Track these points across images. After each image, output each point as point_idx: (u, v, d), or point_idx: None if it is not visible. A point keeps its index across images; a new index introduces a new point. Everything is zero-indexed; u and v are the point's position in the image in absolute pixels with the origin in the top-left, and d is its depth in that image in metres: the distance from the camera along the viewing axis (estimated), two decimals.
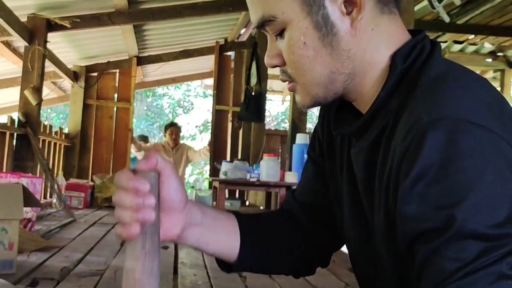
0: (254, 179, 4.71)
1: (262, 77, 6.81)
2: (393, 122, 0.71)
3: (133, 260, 0.64)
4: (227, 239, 0.89)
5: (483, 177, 0.58)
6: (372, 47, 0.74)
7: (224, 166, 4.86)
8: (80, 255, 2.77)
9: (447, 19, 5.15)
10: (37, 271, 2.35)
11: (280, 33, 0.76)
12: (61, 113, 17.63)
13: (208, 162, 7.61)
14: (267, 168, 4.61)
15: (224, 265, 0.93)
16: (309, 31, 0.73)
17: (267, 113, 7.69)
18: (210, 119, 7.49)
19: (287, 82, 0.81)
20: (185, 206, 0.77)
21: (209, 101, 9.91)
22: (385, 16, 0.74)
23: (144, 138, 8.18)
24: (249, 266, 0.95)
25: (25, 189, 2.34)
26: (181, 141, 7.70)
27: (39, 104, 5.00)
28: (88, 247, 3.07)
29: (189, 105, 19.55)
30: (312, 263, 1.00)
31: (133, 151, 7.35)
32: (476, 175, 0.58)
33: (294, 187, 3.74)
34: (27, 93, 4.86)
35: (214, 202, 4.63)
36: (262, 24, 0.76)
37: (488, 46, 8.11)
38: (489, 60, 8.16)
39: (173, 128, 7.30)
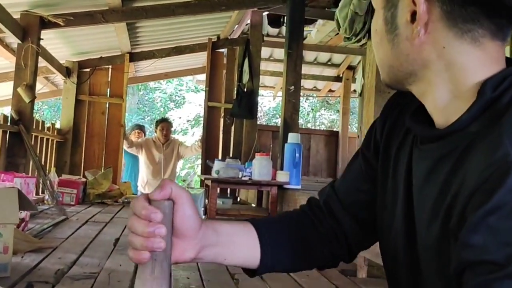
0: (246, 178, 4.74)
1: (254, 74, 6.84)
2: (467, 146, 0.72)
3: (141, 284, 0.68)
4: (245, 252, 0.91)
5: None
6: (442, 63, 0.76)
7: (217, 165, 4.89)
8: (74, 257, 2.80)
9: None
10: (31, 274, 2.38)
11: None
12: (53, 106, 17.54)
13: (200, 157, 7.63)
14: (259, 167, 4.64)
15: (246, 269, 0.95)
16: (380, 22, 0.82)
17: (258, 109, 7.71)
18: (201, 114, 7.52)
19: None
20: (199, 231, 0.79)
21: (201, 96, 9.95)
22: (465, 42, 0.75)
23: (140, 127, 8.13)
24: (272, 270, 0.96)
25: (20, 193, 2.36)
26: (172, 136, 7.71)
27: (32, 102, 5.00)
28: (81, 247, 3.09)
29: (181, 100, 19.52)
30: (337, 259, 1.01)
31: (125, 147, 7.35)
32: None
33: (286, 186, 3.73)
34: (20, 90, 4.86)
35: (206, 200, 4.66)
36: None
37: None
38: None
39: (164, 124, 7.32)
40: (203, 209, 4.59)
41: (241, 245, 0.91)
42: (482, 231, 0.61)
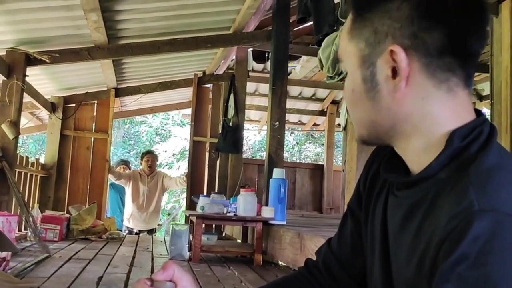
0: (231, 214, 4.73)
1: (240, 109, 6.90)
2: (436, 193, 0.76)
3: None
4: None
5: None
6: (420, 114, 0.80)
7: (201, 201, 4.88)
8: None
9: None
10: None
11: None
12: (38, 140, 17.43)
13: (185, 190, 7.61)
14: (244, 203, 4.64)
15: None
16: (358, 82, 0.84)
17: (244, 143, 7.75)
18: (187, 148, 7.53)
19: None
20: None
21: (187, 130, 9.97)
22: (441, 92, 0.79)
23: (125, 162, 8.15)
24: None
25: (1, 234, 2.34)
26: (158, 169, 7.71)
27: (16, 138, 4.98)
28: (63, 286, 3.05)
29: (167, 133, 19.51)
30: None
31: (113, 179, 7.34)
32: None
33: (271, 221, 3.72)
34: (4, 127, 4.84)
35: (191, 236, 4.63)
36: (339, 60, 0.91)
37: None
38: None
39: (149, 156, 7.40)
40: (187, 245, 4.55)
41: None
42: (453, 280, 0.64)
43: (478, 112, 0.83)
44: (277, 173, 4.82)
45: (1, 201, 4.71)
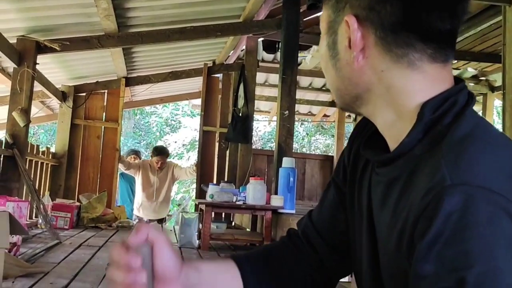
0: (240, 202, 4.74)
1: (249, 99, 6.89)
2: (412, 169, 0.74)
3: None
4: None
5: (496, 246, 0.61)
6: (382, 86, 0.78)
7: (211, 189, 4.88)
8: (65, 282, 2.78)
9: None
10: None
11: None
12: (48, 130, 17.54)
13: (195, 181, 7.62)
14: (254, 192, 4.64)
15: None
16: (324, 47, 0.85)
17: (253, 133, 7.74)
18: (197, 138, 7.53)
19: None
20: (180, 272, 0.78)
21: (197, 120, 9.97)
22: (402, 66, 0.76)
23: (136, 152, 8.12)
24: None
25: (11, 217, 2.36)
26: (168, 160, 7.70)
27: (26, 126, 5.01)
28: (73, 272, 3.07)
29: (177, 124, 19.56)
30: (320, 287, 1.01)
31: (122, 169, 7.37)
32: (490, 243, 0.61)
33: (280, 210, 3.73)
34: (15, 114, 4.87)
35: (200, 224, 4.64)
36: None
37: (471, 70, 8.28)
38: (472, 84, 8.32)
39: (160, 158, 7.31)
40: (197, 233, 4.57)
41: (224, 284, 0.91)
42: (431, 260, 0.63)
43: (458, 83, 0.80)
44: (287, 162, 4.81)
45: (12, 188, 4.74)
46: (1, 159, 4.82)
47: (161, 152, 7.50)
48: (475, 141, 0.70)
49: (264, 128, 18.23)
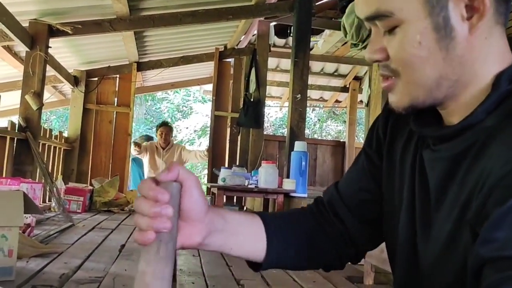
0: (252, 186, 4.74)
1: (261, 83, 6.86)
2: (484, 141, 0.70)
3: (146, 264, 0.67)
4: (251, 243, 0.89)
5: None
6: (482, 57, 0.73)
7: (223, 173, 4.88)
8: (79, 262, 2.79)
9: None
10: (36, 278, 2.37)
11: (391, 30, 0.75)
12: (61, 116, 17.64)
13: (206, 167, 7.63)
14: (265, 175, 4.64)
15: (251, 263, 0.93)
16: (427, 31, 0.72)
17: (265, 119, 7.71)
18: (208, 124, 7.53)
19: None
20: (206, 215, 0.78)
21: (208, 106, 9.97)
22: (498, 27, 0.73)
23: (149, 138, 8.18)
24: (277, 265, 0.94)
25: (25, 196, 2.36)
26: (174, 141, 7.69)
27: (39, 109, 5.03)
28: (86, 253, 3.09)
29: (188, 110, 19.58)
30: (344, 259, 0.99)
31: (135, 153, 7.38)
32: None
33: (292, 194, 3.71)
34: (28, 98, 4.89)
35: None
36: (374, 17, 0.75)
37: None
38: None
39: (163, 128, 7.40)
40: None
41: (248, 236, 0.89)
42: (505, 227, 0.60)
43: None
44: (299, 145, 4.79)
45: (25, 171, 4.77)
46: (15, 142, 4.85)
47: (162, 123, 7.58)
48: None
49: (275, 114, 18.19)
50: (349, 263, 1.02)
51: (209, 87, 9.07)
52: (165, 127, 7.47)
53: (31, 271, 2.48)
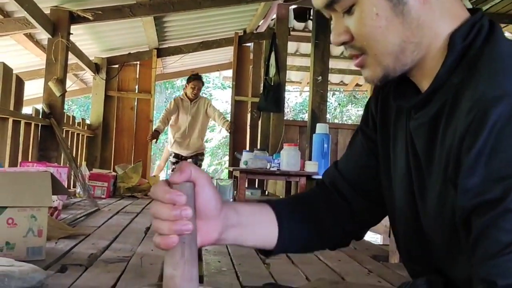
0: (274, 169, 4.74)
1: (281, 67, 6.83)
2: (453, 99, 0.73)
3: (172, 268, 0.67)
4: (264, 232, 0.91)
5: None
6: (437, 16, 0.76)
7: (245, 156, 4.89)
8: (107, 242, 2.83)
9: (469, 5, 5.12)
10: (65, 257, 2.41)
11: (348, 10, 0.79)
12: (82, 106, 17.82)
13: (227, 153, 7.64)
14: (288, 158, 4.63)
15: (262, 250, 0.95)
16: (381, 2, 0.76)
17: (285, 104, 7.68)
18: (229, 110, 7.51)
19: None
20: (221, 211, 0.79)
21: (228, 93, 9.97)
22: None
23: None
24: (288, 250, 0.98)
25: (53, 177, 2.40)
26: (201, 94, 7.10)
27: (62, 95, 5.08)
28: (114, 234, 3.13)
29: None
30: (349, 237, 1.02)
31: (164, 126, 6.80)
32: None
33: (315, 176, 3.72)
34: (51, 84, 4.95)
35: (235, 191, 4.67)
36: (331, 3, 0.80)
37: (508, 34, 8.02)
38: None
39: (196, 83, 6.68)
40: (231, 199, 4.59)
41: (261, 226, 0.91)
42: (477, 173, 0.63)
43: (472, 11, 0.79)
44: (320, 128, 4.78)
45: (50, 157, 4.83)
46: (39, 128, 4.91)
47: (196, 76, 6.83)
48: (510, 55, 0.71)
49: (295, 99, 18.13)
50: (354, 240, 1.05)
51: (229, 73, 9.06)
52: (199, 82, 6.74)
53: (61, 251, 2.52)
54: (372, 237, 5.44)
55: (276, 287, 0.98)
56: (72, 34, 5.17)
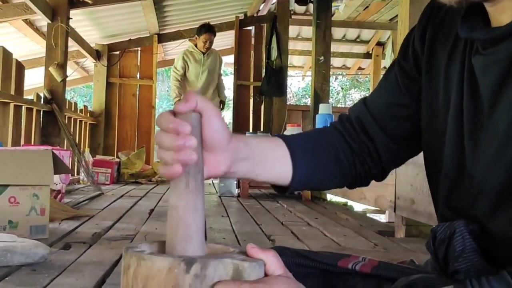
0: None
1: (283, 51, 6.79)
2: None
3: (176, 198, 0.65)
4: (277, 167, 0.87)
5: None
6: None
7: None
8: (110, 223, 2.82)
9: None
10: (69, 236, 2.41)
11: None
12: (84, 95, 17.81)
13: None
14: None
15: (277, 187, 0.91)
16: None
17: (287, 89, 7.64)
18: (231, 97, 7.45)
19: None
20: (229, 143, 0.75)
21: (229, 79, 9.86)
22: None
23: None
24: (304, 186, 0.92)
25: (54, 156, 2.38)
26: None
27: (63, 81, 5.06)
28: (117, 216, 3.12)
29: None
30: (370, 176, 0.97)
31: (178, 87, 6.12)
32: None
33: None
34: (51, 69, 4.92)
35: None
36: None
37: None
38: None
39: (208, 36, 6.03)
40: (236, 182, 4.58)
41: (273, 160, 0.86)
42: None
43: None
44: (324, 108, 4.73)
45: (53, 143, 4.81)
46: (41, 114, 4.90)
47: (210, 29, 6.09)
48: None
49: (298, 83, 18.06)
50: (374, 181, 0.98)
51: (230, 59, 9.01)
52: (211, 34, 6.06)
53: (64, 231, 2.52)
54: (376, 217, 5.43)
55: (285, 249, 0.93)
56: (71, 18, 5.13)
